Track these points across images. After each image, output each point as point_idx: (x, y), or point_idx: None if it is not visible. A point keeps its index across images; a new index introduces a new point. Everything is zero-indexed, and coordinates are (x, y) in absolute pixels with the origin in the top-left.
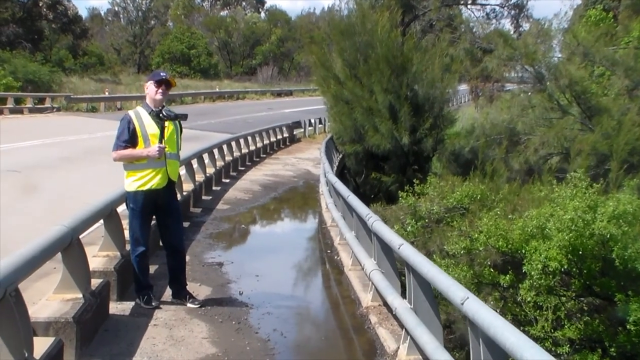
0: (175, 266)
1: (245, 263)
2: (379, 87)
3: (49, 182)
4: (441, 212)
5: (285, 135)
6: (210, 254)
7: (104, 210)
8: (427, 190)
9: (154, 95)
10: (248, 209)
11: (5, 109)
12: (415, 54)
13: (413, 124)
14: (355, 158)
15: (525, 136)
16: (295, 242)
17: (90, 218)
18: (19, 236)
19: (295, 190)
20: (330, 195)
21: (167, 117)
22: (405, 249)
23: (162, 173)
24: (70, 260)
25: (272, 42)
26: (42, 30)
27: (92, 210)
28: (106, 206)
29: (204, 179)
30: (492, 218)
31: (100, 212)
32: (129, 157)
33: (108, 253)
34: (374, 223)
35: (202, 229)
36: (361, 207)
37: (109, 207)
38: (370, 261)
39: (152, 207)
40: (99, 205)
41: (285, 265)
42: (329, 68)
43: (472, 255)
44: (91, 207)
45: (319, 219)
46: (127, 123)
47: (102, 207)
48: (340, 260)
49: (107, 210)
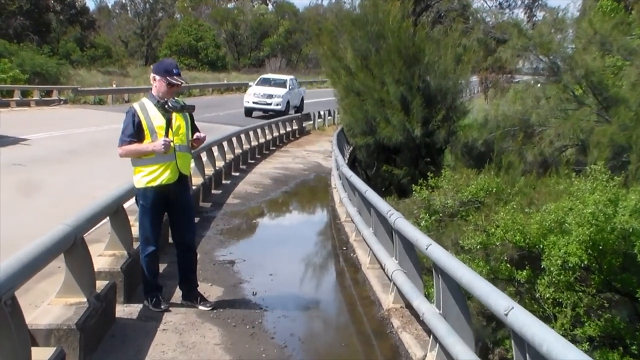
0: (186, 266)
1: (258, 261)
2: (390, 78)
3: (55, 176)
4: (456, 205)
5: (295, 128)
6: (221, 251)
7: (110, 207)
8: (441, 184)
9: (161, 90)
10: (259, 203)
11: (12, 102)
12: (427, 45)
13: (425, 115)
14: (366, 150)
15: (540, 128)
16: (309, 238)
17: (95, 216)
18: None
19: (307, 183)
20: (345, 189)
21: (173, 108)
22: (435, 250)
23: (172, 167)
24: (73, 261)
25: (279, 34)
26: (49, 22)
27: (97, 208)
28: (112, 203)
29: (214, 173)
30: (509, 212)
31: (106, 209)
32: (135, 152)
33: (114, 252)
34: (397, 220)
35: (212, 225)
36: (381, 203)
37: (115, 203)
38: (392, 260)
39: (163, 204)
40: (104, 202)
41: (299, 263)
42: (340, 59)
43: (488, 250)
44: (96, 204)
45: (332, 214)
46: (132, 116)
47: (108, 204)
48: (356, 257)
49: (113, 207)
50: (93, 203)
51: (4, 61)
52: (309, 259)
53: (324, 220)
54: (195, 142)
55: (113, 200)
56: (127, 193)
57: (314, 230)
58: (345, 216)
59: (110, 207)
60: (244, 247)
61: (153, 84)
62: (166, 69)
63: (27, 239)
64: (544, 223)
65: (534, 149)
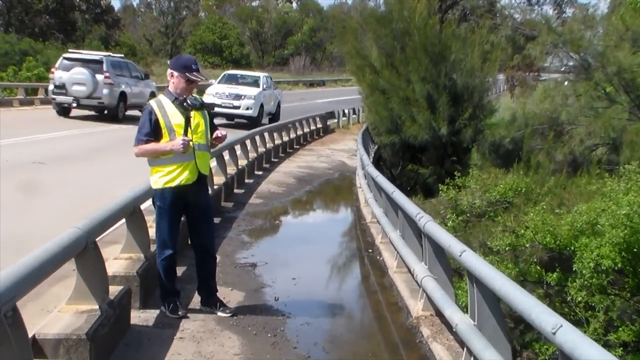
0: (205, 271)
1: (280, 264)
2: (416, 76)
3: (75, 174)
4: (483, 206)
5: (319, 126)
6: (243, 253)
7: (125, 208)
8: (468, 184)
9: (179, 86)
10: (282, 203)
11: (36, 100)
12: (453, 42)
13: (451, 114)
14: (391, 149)
15: (569, 126)
16: (333, 239)
17: (109, 218)
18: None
19: (331, 182)
20: (370, 190)
21: (192, 106)
22: (469, 257)
23: (191, 167)
24: (85, 267)
25: (304, 32)
26: (74, 21)
27: (111, 210)
28: (127, 204)
29: (236, 172)
30: (539, 213)
31: (121, 210)
32: (152, 152)
33: (131, 255)
34: (427, 224)
35: (233, 226)
36: (409, 204)
37: (130, 204)
38: (421, 266)
39: (182, 205)
40: (119, 203)
41: (323, 266)
42: (365, 56)
43: (517, 252)
44: (110, 206)
45: (357, 214)
46: (149, 114)
47: (123, 205)
48: (383, 261)
49: (128, 208)
50: (107, 205)
51: (29, 59)
52: (334, 262)
53: (349, 221)
54: (216, 141)
55: (129, 201)
56: (144, 194)
57: (339, 231)
58: (371, 217)
59: (126, 208)
60: (267, 248)
61: (170, 81)
62: (185, 64)
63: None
64: (576, 224)
65: (563, 148)
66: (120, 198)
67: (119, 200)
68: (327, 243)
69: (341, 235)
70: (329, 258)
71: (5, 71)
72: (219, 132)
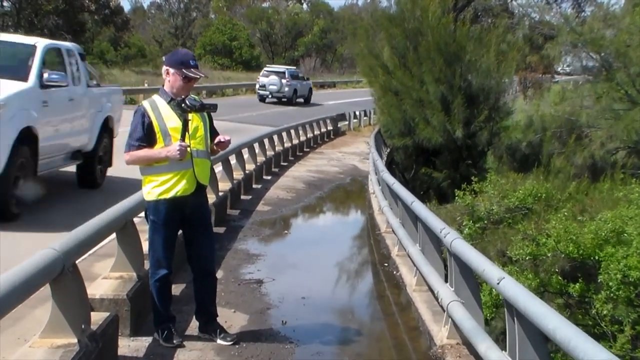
0: (203, 294)
1: (289, 280)
2: (430, 76)
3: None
4: (501, 212)
5: (330, 128)
6: (248, 268)
7: (113, 223)
8: (486, 189)
9: (176, 84)
10: (291, 210)
11: None
12: (469, 42)
13: (467, 116)
14: (404, 152)
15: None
16: (345, 251)
17: (93, 236)
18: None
19: (342, 188)
20: (385, 197)
21: (191, 107)
22: (510, 286)
23: (188, 176)
24: (62, 294)
25: (314, 33)
26: (84, 22)
27: (95, 226)
28: (117, 218)
29: (243, 177)
30: (561, 220)
31: (107, 227)
32: (145, 159)
33: (122, 274)
34: (454, 242)
35: (239, 236)
36: (432, 218)
37: (121, 218)
38: (446, 288)
39: (178, 219)
40: (105, 218)
41: (335, 283)
42: (377, 57)
43: (537, 261)
44: (94, 222)
45: (370, 223)
46: (141, 116)
47: (110, 221)
48: (400, 277)
49: (118, 222)
50: (91, 221)
51: None
52: (346, 278)
53: (362, 231)
54: (218, 147)
55: (118, 215)
56: (136, 205)
57: (351, 242)
58: (386, 226)
59: (115, 223)
60: (274, 262)
61: (165, 79)
62: (181, 60)
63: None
64: (600, 233)
65: (583, 152)
66: (107, 212)
67: (105, 215)
68: (339, 256)
69: (354, 247)
70: (341, 273)
71: None
72: (222, 137)
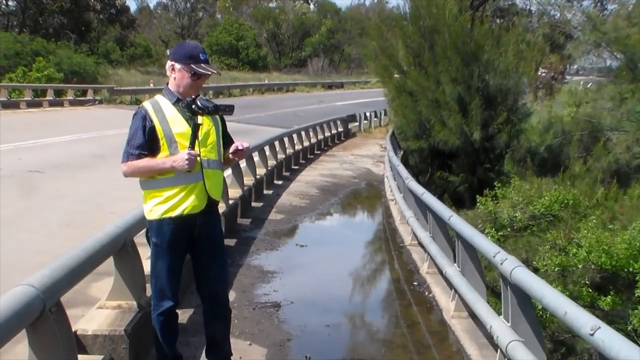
0: (215, 328)
1: (309, 302)
2: (446, 77)
3: (74, 185)
4: (525, 219)
5: (340, 130)
6: (263, 288)
7: (110, 245)
8: (509, 195)
9: (183, 83)
10: (306, 219)
11: (45, 101)
12: (486, 41)
13: (485, 118)
14: (419, 155)
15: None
16: (368, 267)
17: (82, 266)
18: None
19: (358, 193)
20: (409, 206)
21: (203, 109)
22: (611, 340)
23: (198, 191)
24: (39, 339)
25: (321, 33)
26: (89, 21)
27: (87, 251)
28: (114, 238)
29: (254, 183)
30: (593, 229)
31: (103, 250)
32: (147, 170)
33: (120, 302)
34: (516, 271)
35: (251, 249)
36: (481, 239)
37: (119, 239)
38: (500, 322)
39: (185, 242)
40: (100, 239)
41: (361, 306)
42: (391, 56)
43: (566, 272)
44: (86, 245)
45: (391, 234)
46: (142, 120)
47: (106, 242)
48: (434, 298)
49: (115, 244)
50: (82, 244)
51: (39, 60)
52: (372, 300)
53: (384, 242)
54: (234, 156)
55: (115, 235)
56: (137, 222)
57: (373, 256)
58: (411, 238)
59: (113, 244)
60: (291, 281)
61: (170, 76)
62: (190, 53)
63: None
64: (634, 243)
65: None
66: (102, 232)
67: (100, 236)
68: (361, 272)
69: (376, 262)
70: (366, 294)
71: (15, 72)
72: (239, 144)
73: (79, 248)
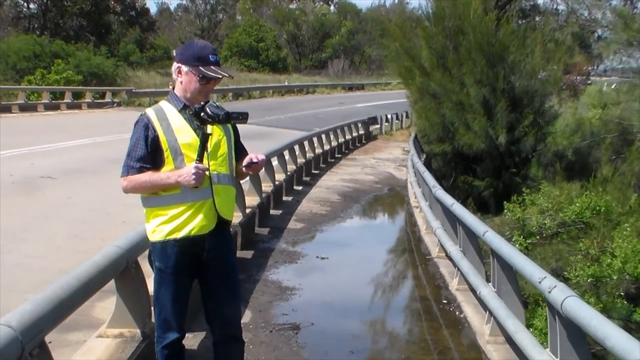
0: None
1: (330, 326)
2: (471, 78)
3: (86, 192)
4: (554, 226)
5: (361, 133)
6: (281, 306)
7: (111, 268)
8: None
9: (190, 87)
10: (327, 229)
11: (62, 104)
12: (512, 41)
13: (510, 120)
14: (442, 159)
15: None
16: (393, 282)
17: (74, 295)
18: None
19: (381, 200)
20: (436, 216)
21: (213, 117)
22: None
23: (206, 209)
24: None
25: (342, 34)
26: (109, 23)
27: (82, 277)
28: (115, 261)
29: (273, 189)
30: (628, 239)
31: (103, 272)
32: (148, 186)
33: (122, 331)
34: (568, 302)
35: (269, 263)
36: (524, 261)
37: (120, 260)
38: (547, 356)
39: (192, 267)
40: (98, 263)
41: (388, 329)
42: (414, 57)
43: (598, 283)
44: (82, 271)
45: (416, 244)
46: (144, 129)
47: (105, 267)
48: (465, 319)
49: (117, 267)
50: (73, 272)
51: (57, 62)
52: (400, 321)
53: (408, 254)
54: (249, 169)
55: (117, 256)
56: (143, 240)
57: (398, 269)
58: (438, 250)
59: (114, 266)
60: (311, 298)
61: (177, 79)
62: (198, 55)
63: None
64: None
65: None
66: (102, 253)
67: (93, 263)
68: (386, 287)
69: (402, 276)
70: (393, 314)
71: (33, 74)
72: (254, 157)
73: (71, 275)
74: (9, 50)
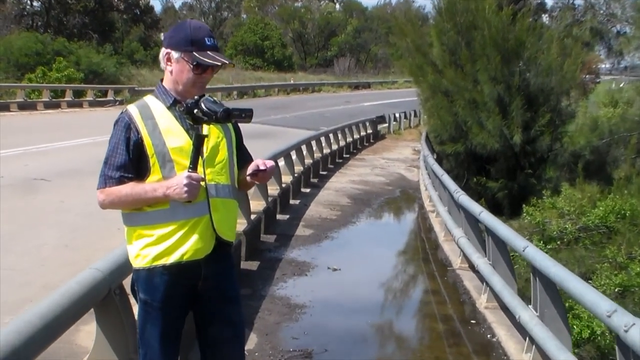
0: None
1: (346, 352)
2: (485, 75)
3: (81, 195)
4: (575, 231)
5: (369, 132)
6: (291, 328)
7: (88, 297)
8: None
9: (182, 78)
10: (338, 236)
11: (63, 103)
12: (528, 37)
13: (526, 119)
14: (455, 159)
15: None
16: (413, 298)
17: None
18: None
19: (393, 203)
20: (457, 223)
21: (209, 115)
22: None
23: (202, 228)
24: None
25: (347, 33)
26: (113, 21)
27: (46, 315)
28: (94, 288)
29: (279, 192)
30: None
31: (75, 306)
32: (131, 200)
33: None
34: (632, 332)
35: (276, 275)
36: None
37: (100, 287)
38: None
39: (185, 299)
40: (72, 291)
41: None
42: (425, 54)
43: (626, 293)
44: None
45: (435, 253)
46: (125, 129)
47: (80, 296)
48: (499, 344)
49: (96, 294)
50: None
51: (59, 60)
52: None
53: (427, 263)
54: (255, 178)
55: (96, 282)
56: (124, 264)
57: (417, 282)
58: (461, 260)
59: (92, 294)
60: (324, 318)
61: (166, 68)
62: (192, 37)
63: None
64: None
65: None
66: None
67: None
68: (405, 305)
69: (423, 292)
70: (416, 338)
71: (34, 72)
72: (261, 163)
73: (31, 312)
74: (11, 48)
